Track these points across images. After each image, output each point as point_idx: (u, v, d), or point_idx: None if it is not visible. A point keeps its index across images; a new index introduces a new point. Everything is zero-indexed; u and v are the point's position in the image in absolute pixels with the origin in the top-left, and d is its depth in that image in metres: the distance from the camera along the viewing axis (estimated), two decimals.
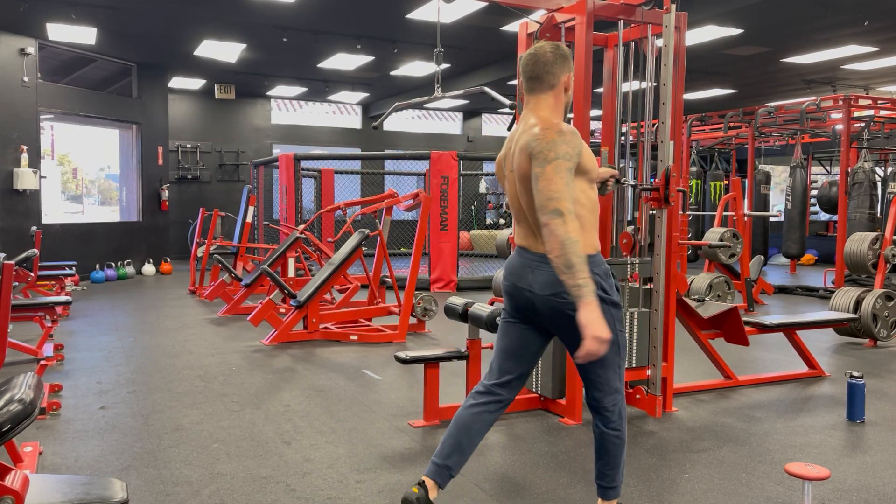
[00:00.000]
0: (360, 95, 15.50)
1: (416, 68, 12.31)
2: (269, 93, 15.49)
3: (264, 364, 5.59)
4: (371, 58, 11.51)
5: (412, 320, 6.86)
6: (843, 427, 4.07)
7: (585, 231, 2.55)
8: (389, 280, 7.34)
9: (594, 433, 2.67)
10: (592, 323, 2.33)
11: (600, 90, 4.63)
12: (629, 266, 4.15)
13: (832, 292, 8.45)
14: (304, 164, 11.53)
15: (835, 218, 14.75)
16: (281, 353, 6.02)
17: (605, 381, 2.61)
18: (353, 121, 17.19)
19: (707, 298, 7.88)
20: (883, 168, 12.72)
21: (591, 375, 2.62)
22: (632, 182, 4.21)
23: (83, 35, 10.11)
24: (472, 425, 2.68)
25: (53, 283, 8.47)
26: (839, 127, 10.20)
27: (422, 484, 2.65)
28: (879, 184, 10.56)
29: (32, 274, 7.79)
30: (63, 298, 5.97)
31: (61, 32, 9.97)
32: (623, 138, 4.57)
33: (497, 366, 2.74)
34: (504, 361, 2.73)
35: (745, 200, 11.31)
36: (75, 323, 7.35)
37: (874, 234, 6.73)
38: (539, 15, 4.34)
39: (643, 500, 3.05)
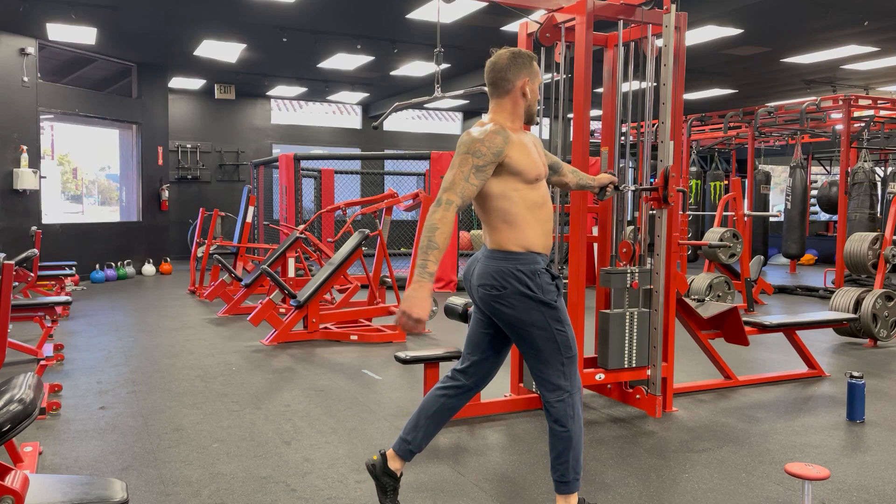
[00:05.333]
0: (360, 95, 15.49)
1: (416, 68, 12.31)
2: (269, 93, 15.48)
3: (264, 364, 5.59)
4: (371, 58, 11.51)
5: None
6: (843, 427, 4.07)
7: (515, 229, 2.67)
8: (389, 280, 7.34)
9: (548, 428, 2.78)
10: (408, 299, 2.44)
11: (600, 90, 4.63)
12: (629, 275, 4.14)
13: (832, 292, 8.45)
14: (304, 164, 11.53)
15: (835, 218, 14.76)
16: (281, 353, 6.02)
17: (546, 377, 2.69)
18: (353, 121, 17.20)
19: (707, 298, 7.88)
20: (883, 168, 12.71)
21: (532, 371, 2.74)
22: (631, 188, 4.20)
23: (83, 35, 10.11)
24: (430, 406, 2.87)
25: (53, 283, 8.47)
26: (839, 127, 10.20)
27: (383, 454, 2.86)
28: (879, 184, 10.55)
29: (32, 274, 7.78)
30: (63, 298, 5.97)
31: (61, 32, 9.97)
32: (623, 138, 4.57)
33: (463, 353, 2.93)
34: (466, 348, 2.91)
35: (745, 200, 11.31)
36: (75, 323, 7.35)
37: (874, 234, 6.73)
38: (539, 15, 4.34)
39: (643, 500, 3.05)
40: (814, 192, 14.70)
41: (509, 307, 2.63)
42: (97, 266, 11.11)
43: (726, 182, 12.98)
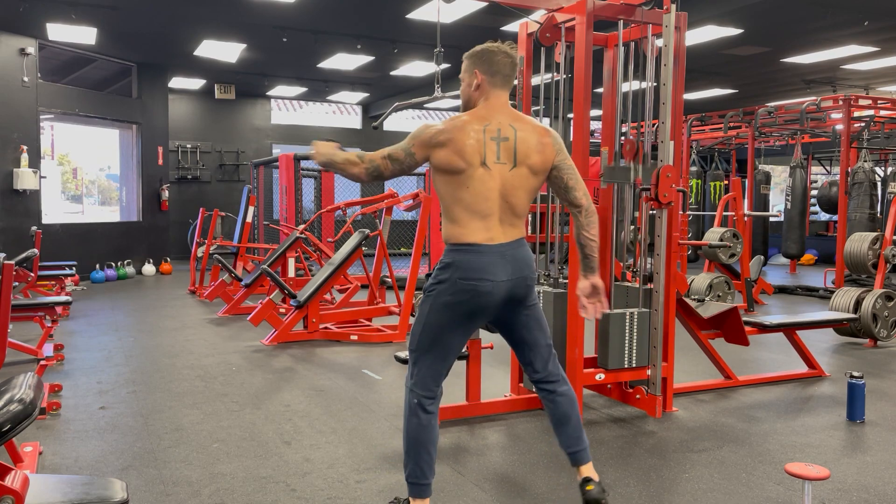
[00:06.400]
0: (360, 95, 15.50)
1: (416, 68, 12.31)
2: (269, 93, 15.48)
3: (264, 364, 5.59)
4: (371, 58, 11.51)
5: (412, 320, 6.85)
6: (843, 427, 4.07)
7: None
8: (389, 280, 7.34)
9: (559, 403, 2.84)
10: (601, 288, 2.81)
11: (600, 90, 4.63)
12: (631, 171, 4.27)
13: (832, 292, 8.45)
14: (304, 164, 11.52)
15: (835, 218, 14.76)
16: (281, 353, 6.02)
17: (551, 348, 2.91)
18: (353, 121, 17.20)
19: (707, 298, 7.88)
20: (883, 168, 12.71)
21: (545, 348, 2.87)
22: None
23: (83, 35, 10.10)
24: (436, 434, 2.78)
25: (53, 283, 8.46)
26: (839, 127, 10.20)
27: None
28: (879, 184, 10.56)
29: (32, 274, 7.78)
30: (63, 298, 5.97)
31: (61, 32, 9.96)
32: (623, 138, 4.57)
33: (441, 369, 2.78)
34: (449, 363, 2.81)
35: (745, 200, 11.31)
36: (75, 323, 7.35)
37: (874, 234, 6.73)
38: (539, 15, 4.34)
39: (643, 500, 3.05)
40: (814, 192, 14.70)
41: (533, 289, 2.82)
42: (97, 266, 11.11)
43: (726, 182, 12.99)
